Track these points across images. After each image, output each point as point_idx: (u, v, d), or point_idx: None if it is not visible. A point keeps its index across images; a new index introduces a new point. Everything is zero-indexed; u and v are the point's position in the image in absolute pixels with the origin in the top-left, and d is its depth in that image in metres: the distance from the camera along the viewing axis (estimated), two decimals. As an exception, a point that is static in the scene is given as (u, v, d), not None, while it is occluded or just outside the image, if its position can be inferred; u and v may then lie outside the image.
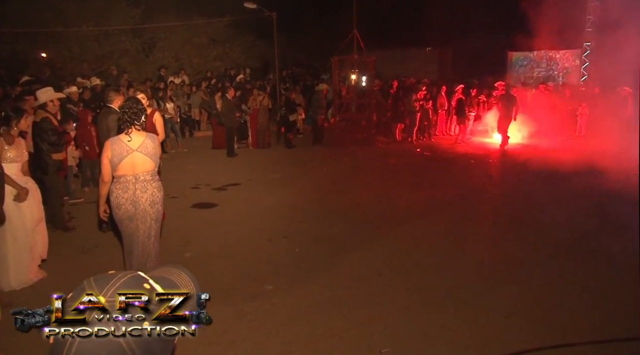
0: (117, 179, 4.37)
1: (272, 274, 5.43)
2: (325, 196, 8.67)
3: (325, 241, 6.45)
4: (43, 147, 6.26)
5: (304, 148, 13.65)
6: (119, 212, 4.38)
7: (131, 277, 1.04)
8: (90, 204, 8.03)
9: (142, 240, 4.48)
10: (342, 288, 5.11)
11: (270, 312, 4.62)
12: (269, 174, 10.47)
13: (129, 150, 4.31)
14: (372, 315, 4.53)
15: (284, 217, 7.52)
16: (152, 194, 4.43)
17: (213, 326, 3.87)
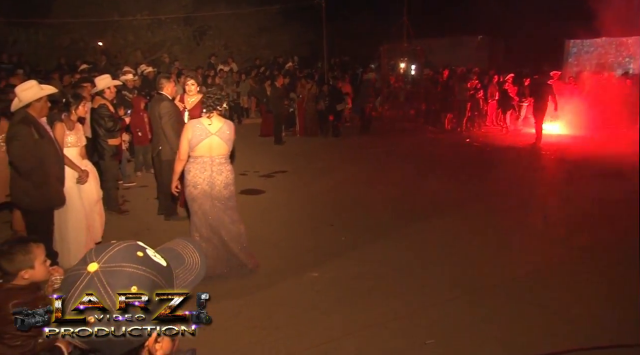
0: (194, 159, 4.65)
1: (316, 262, 5.46)
2: (372, 185, 8.63)
3: (371, 230, 6.42)
4: (100, 132, 6.49)
5: (351, 137, 13.59)
6: (195, 190, 4.66)
7: (127, 245, 1.06)
8: (142, 188, 8.30)
9: (218, 215, 4.73)
10: (387, 278, 5.08)
11: (313, 299, 4.65)
12: (316, 162, 10.50)
13: (208, 133, 4.59)
14: (417, 307, 4.49)
15: (330, 205, 7.54)
16: (226, 177, 4.73)
17: (258, 311, 3.97)
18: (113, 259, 1.02)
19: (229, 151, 4.78)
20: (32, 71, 12.98)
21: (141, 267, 1.03)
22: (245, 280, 5.00)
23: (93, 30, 17.94)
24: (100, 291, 0.98)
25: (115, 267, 1.00)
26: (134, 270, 1.01)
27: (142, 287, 1.01)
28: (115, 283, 0.99)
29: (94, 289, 0.98)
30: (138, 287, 1.00)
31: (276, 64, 18.67)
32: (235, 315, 4.37)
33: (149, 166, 8.84)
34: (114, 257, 1.02)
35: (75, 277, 1.00)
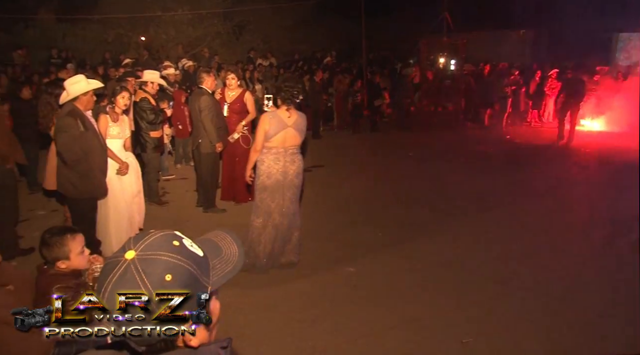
0: (269, 149, 4.78)
1: (354, 257, 5.45)
2: (410, 181, 8.55)
3: (409, 226, 6.38)
4: (142, 125, 6.63)
5: (389, 132, 13.48)
6: (269, 180, 4.81)
7: (164, 234, 1.09)
8: (182, 180, 8.45)
9: (285, 204, 4.89)
10: (425, 274, 5.04)
11: (351, 294, 4.66)
12: (353, 157, 10.47)
13: (285, 125, 4.73)
14: (456, 304, 4.44)
15: (367, 200, 7.51)
16: (298, 166, 4.91)
17: (295, 303, 3.98)
18: (150, 247, 1.04)
19: (300, 142, 4.92)
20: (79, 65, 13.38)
21: (177, 256, 1.04)
22: (284, 273, 5.04)
23: (136, 26, 18.35)
24: (136, 278, 1.00)
25: (152, 255, 1.03)
26: (170, 259, 1.03)
27: (177, 276, 1.02)
28: (151, 271, 1.01)
29: (130, 276, 1.00)
30: (172, 276, 1.02)
31: (314, 58, 18.67)
32: (272, 307, 4.41)
33: (189, 159, 9.00)
34: (150, 245, 1.04)
35: (113, 264, 1.03)
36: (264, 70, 15.12)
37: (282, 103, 4.79)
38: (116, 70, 10.43)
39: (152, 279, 1.01)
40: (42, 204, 7.22)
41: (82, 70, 11.21)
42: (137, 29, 18.47)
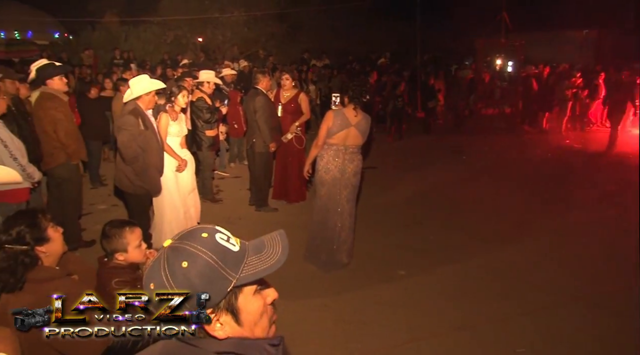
0: (329, 146, 4.89)
1: (404, 260, 5.41)
2: (463, 185, 8.38)
3: (461, 230, 6.25)
4: (198, 124, 6.81)
5: (443, 135, 13.25)
6: (327, 175, 4.92)
7: (200, 227, 1.14)
8: (235, 178, 8.61)
9: (341, 203, 4.97)
10: (476, 280, 4.94)
11: (401, 297, 4.62)
12: (406, 159, 10.37)
13: (348, 124, 4.83)
14: (510, 312, 4.32)
15: (419, 203, 7.42)
16: (356, 165, 4.96)
17: (346, 305, 3.97)
18: (183, 237, 1.11)
19: (362, 142, 4.97)
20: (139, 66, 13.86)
21: (199, 247, 1.08)
22: (334, 274, 5.06)
23: (194, 27, 18.85)
24: (161, 264, 1.07)
25: (180, 244, 1.09)
26: (192, 249, 1.07)
27: (192, 264, 1.06)
28: (173, 258, 1.07)
29: (158, 262, 1.08)
30: (189, 264, 1.06)
31: (369, 59, 18.61)
32: (322, 307, 4.43)
33: (243, 158, 9.17)
34: (184, 235, 1.11)
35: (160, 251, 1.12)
36: (318, 71, 15.20)
37: (350, 102, 4.87)
38: (174, 70, 10.73)
39: (172, 265, 1.07)
40: (102, 198, 7.55)
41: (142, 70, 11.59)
42: (195, 31, 18.97)
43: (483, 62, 14.21)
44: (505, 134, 13.02)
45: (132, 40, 18.31)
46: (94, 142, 7.84)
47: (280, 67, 11.08)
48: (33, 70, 5.26)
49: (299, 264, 5.25)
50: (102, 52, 16.71)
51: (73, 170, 5.34)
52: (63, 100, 5.23)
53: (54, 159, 5.11)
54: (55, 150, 5.09)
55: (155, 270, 1.08)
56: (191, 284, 1.06)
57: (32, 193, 4.62)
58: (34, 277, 2.31)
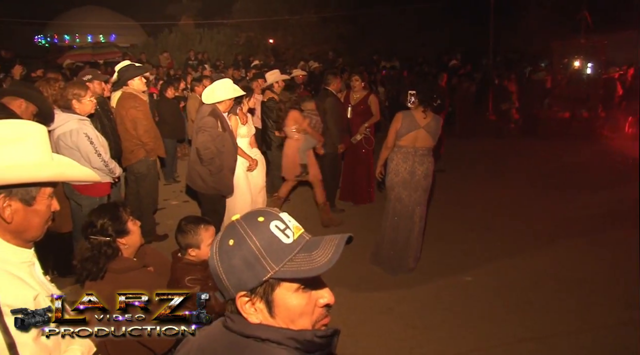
0: (399, 148, 4.90)
1: (471, 266, 5.28)
2: (536, 192, 8.02)
3: (531, 238, 6.02)
4: (268, 124, 6.95)
5: (515, 139, 12.77)
6: (396, 178, 4.92)
7: (263, 209, 1.17)
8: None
9: (410, 205, 4.95)
10: (545, 290, 4.73)
11: (467, 304, 4.51)
12: (474, 163, 10.09)
13: (417, 126, 4.83)
14: (580, 326, 4.12)
15: (487, 208, 7.19)
16: (427, 168, 4.93)
17: (410, 309, 3.92)
18: (244, 216, 1.15)
19: (432, 144, 4.93)
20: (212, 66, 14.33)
21: (249, 231, 1.11)
22: (400, 278, 5.02)
23: (265, 29, 19.26)
24: (219, 236, 1.14)
25: (237, 223, 1.14)
26: (242, 231, 1.11)
27: (238, 246, 1.09)
28: (226, 234, 1.13)
29: (217, 236, 1.15)
30: (234, 243, 1.10)
31: (440, 61, 18.29)
32: (387, 310, 4.41)
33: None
34: (246, 215, 1.16)
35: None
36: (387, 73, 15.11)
37: (419, 104, 4.84)
38: (247, 71, 11.01)
39: (222, 241, 1.12)
40: (175, 194, 7.85)
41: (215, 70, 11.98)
42: (266, 32, 19.38)
43: (559, 63, 13.54)
44: (582, 139, 12.37)
45: (206, 42, 18.97)
46: (169, 140, 8.18)
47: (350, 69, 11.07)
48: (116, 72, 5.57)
49: (365, 265, 5.25)
50: (178, 54, 17.41)
51: (151, 166, 5.59)
52: (143, 100, 5.50)
53: (133, 155, 5.37)
54: (135, 147, 5.35)
55: (214, 241, 1.15)
56: (231, 263, 1.09)
57: (112, 187, 4.88)
58: (114, 267, 2.44)
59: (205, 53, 16.87)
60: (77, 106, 4.37)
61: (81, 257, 2.44)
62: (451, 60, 17.53)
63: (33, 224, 1.53)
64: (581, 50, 13.57)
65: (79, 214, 4.43)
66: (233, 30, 19.55)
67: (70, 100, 4.34)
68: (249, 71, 10.85)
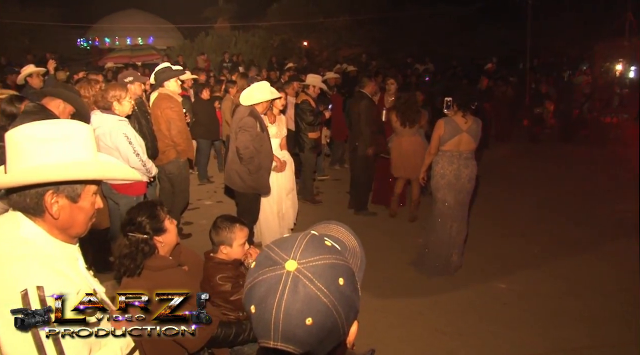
0: (443, 152, 4.99)
1: (504, 272, 5.19)
2: (574, 199, 7.80)
3: (568, 245, 5.87)
4: (302, 126, 6.98)
5: (551, 144, 12.48)
6: (442, 181, 5.00)
7: (311, 236, 1.01)
8: (335, 181, 8.70)
9: (455, 208, 5.02)
10: (584, 299, 4.61)
11: (499, 311, 4.43)
12: (509, 168, 9.90)
13: (459, 130, 4.88)
14: (624, 335, 3.99)
15: (522, 214, 7.04)
16: (471, 171, 5.00)
17: (441, 314, 3.87)
18: (308, 253, 0.97)
19: (475, 147, 4.98)
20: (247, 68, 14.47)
21: (337, 256, 0.99)
22: (431, 282, 4.98)
23: (300, 31, 19.37)
24: (313, 290, 0.93)
25: (316, 261, 0.96)
26: (336, 261, 0.98)
27: (347, 277, 0.97)
28: (323, 279, 0.94)
29: (303, 289, 0.93)
30: (344, 279, 0.96)
31: (474, 64, 18.03)
32: (417, 315, 4.36)
33: (344, 161, 9.26)
34: (307, 250, 0.97)
35: (276, 278, 0.95)
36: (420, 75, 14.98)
37: (458, 109, 4.87)
38: (281, 73, 11.09)
39: (329, 287, 0.94)
40: (209, 194, 7.96)
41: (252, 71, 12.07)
42: (300, 35, 19.49)
43: (601, 67, 13.17)
44: (623, 145, 11.98)
45: (241, 44, 19.19)
46: (204, 141, 8.31)
47: (384, 71, 11.03)
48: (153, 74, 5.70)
49: (397, 269, 5.23)
50: (214, 56, 17.68)
51: (182, 167, 5.68)
52: (178, 101, 5.60)
53: (165, 156, 5.47)
54: (167, 148, 5.44)
55: (305, 301, 0.93)
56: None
57: (148, 187, 4.98)
58: (150, 264, 2.49)
59: (240, 55, 17.08)
60: (117, 107, 4.49)
61: (119, 254, 2.50)
62: (486, 63, 17.27)
63: (78, 220, 1.57)
64: (624, 52, 13.17)
65: (117, 212, 4.54)
66: (268, 33, 19.74)
67: (111, 102, 4.45)
68: (283, 74, 10.92)
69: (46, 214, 1.51)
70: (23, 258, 1.43)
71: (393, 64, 16.77)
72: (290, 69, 12.11)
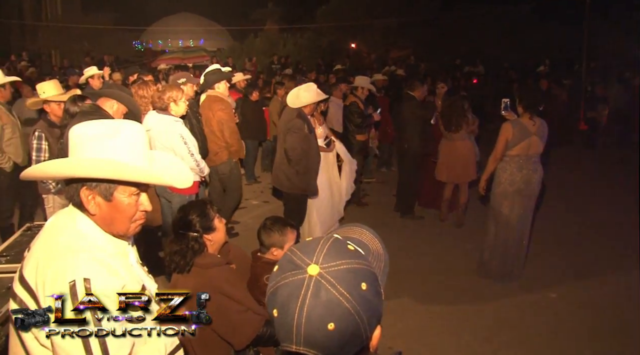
0: (511, 158, 4.76)
1: (557, 282, 5.01)
2: (628, 206, 7.43)
3: (623, 254, 5.61)
4: (350, 127, 6.97)
5: (609, 150, 11.93)
6: (511, 188, 4.76)
7: (334, 240, 1.00)
8: (381, 184, 8.62)
9: (521, 215, 4.82)
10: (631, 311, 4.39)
11: (550, 322, 4.29)
12: (562, 174, 9.53)
13: (528, 133, 4.66)
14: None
15: (573, 221, 6.78)
16: (540, 175, 4.79)
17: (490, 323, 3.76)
18: (330, 257, 0.95)
19: (542, 149, 4.79)
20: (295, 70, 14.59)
21: (360, 261, 0.98)
22: (481, 289, 4.88)
23: (347, 33, 19.40)
24: (335, 296, 0.91)
25: (338, 265, 0.94)
26: (358, 266, 0.96)
27: (369, 282, 0.96)
28: (346, 284, 0.92)
29: (326, 294, 0.91)
30: (366, 283, 0.94)
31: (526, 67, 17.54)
32: (465, 322, 4.28)
33: (391, 164, 9.18)
34: (329, 255, 0.96)
35: (299, 282, 0.94)
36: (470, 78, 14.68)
37: (525, 111, 4.69)
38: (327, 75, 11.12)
39: (351, 291, 0.92)
40: (255, 194, 8.05)
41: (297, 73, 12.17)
42: (348, 37, 19.50)
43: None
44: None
45: (289, 46, 19.39)
46: (251, 141, 8.42)
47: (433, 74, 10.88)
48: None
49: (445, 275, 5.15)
50: (263, 58, 17.93)
51: (233, 167, 5.77)
52: (228, 103, 5.71)
53: (218, 157, 5.56)
54: (219, 149, 5.53)
55: (328, 306, 0.92)
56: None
57: (200, 186, 5.08)
58: (200, 262, 2.54)
59: (288, 57, 17.25)
60: (173, 108, 4.58)
61: (170, 251, 2.56)
62: (539, 65, 16.77)
63: (116, 219, 1.55)
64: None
65: (169, 210, 4.64)
66: (315, 35, 19.86)
67: (168, 103, 4.55)
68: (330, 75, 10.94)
69: (86, 209, 1.54)
70: (75, 250, 1.47)
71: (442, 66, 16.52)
72: (338, 71, 12.11)
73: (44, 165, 1.67)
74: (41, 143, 4.45)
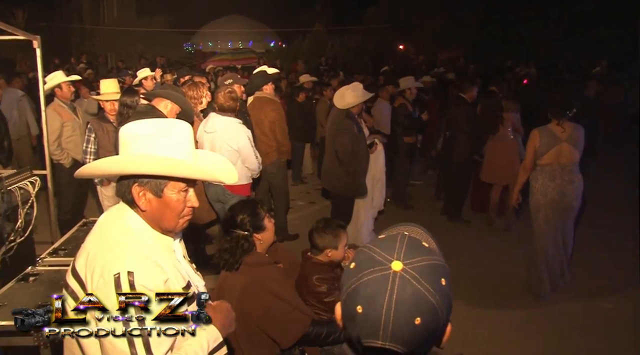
0: (542, 167, 4.52)
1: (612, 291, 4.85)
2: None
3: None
4: (397, 130, 6.93)
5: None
6: (544, 199, 4.53)
7: (409, 238, 1.02)
8: (429, 186, 8.49)
9: (559, 227, 4.58)
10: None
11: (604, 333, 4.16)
12: (618, 182, 9.12)
13: (557, 140, 4.43)
14: None
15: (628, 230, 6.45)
16: (577, 187, 4.48)
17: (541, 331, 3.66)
18: (411, 253, 0.97)
19: (578, 158, 4.49)
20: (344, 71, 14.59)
21: (436, 257, 1.00)
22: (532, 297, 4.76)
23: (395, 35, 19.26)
24: (421, 291, 0.93)
25: (419, 261, 0.96)
26: (435, 262, 0.98)
27: (446, 277, 0.97)
28: (427, 279, 0.94)
29: (411, 289, 0.92)
30: (445, 279, 0.96)
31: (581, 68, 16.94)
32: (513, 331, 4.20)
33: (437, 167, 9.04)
34: (410, 252, 0.97)
35: (384, 278, 0.94)
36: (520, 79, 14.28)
37: (552, 117, 4.47)
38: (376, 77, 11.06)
39: (434, 286, 0.94)
40: (302, 195, 8.10)
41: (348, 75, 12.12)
42: (396, 38, 19.36)
43: None
44: None
45: (336, 48, 19.42)
46: (297, 143, 8.47)
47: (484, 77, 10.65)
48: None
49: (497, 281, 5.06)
50: (310, 59, 18.03)
51: (282, 167, 5.84)
52: (279, 103, 5.78)
53: (268, 157, 5.60)
54: (270, 149, 5.60)
55: (415, 301, 0.93)
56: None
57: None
58: (248, 260, 2.58)
59: (335, 58, 17.27)
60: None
61: (220, 248, 2.62)
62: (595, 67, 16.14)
63: (165, 215, 1.60)
64: None
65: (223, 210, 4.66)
66: (363, 37, 19.82)
67: (234, 105, 4.60)
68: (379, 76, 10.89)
69: (137, 205, 1.59)
70: (122, 244, 1.54)
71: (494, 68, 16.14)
72: (386, 72, 12.04)
73: (97, 163, 1.77)
74: (90, 135, 4.70)
